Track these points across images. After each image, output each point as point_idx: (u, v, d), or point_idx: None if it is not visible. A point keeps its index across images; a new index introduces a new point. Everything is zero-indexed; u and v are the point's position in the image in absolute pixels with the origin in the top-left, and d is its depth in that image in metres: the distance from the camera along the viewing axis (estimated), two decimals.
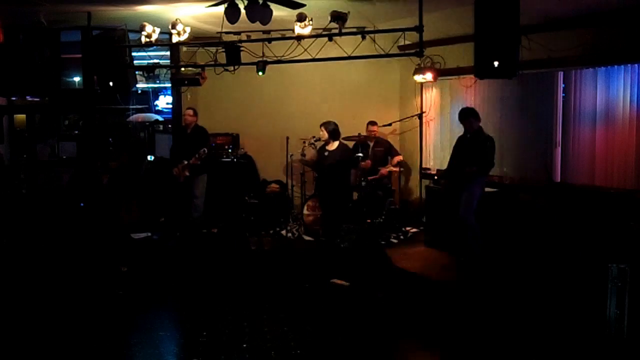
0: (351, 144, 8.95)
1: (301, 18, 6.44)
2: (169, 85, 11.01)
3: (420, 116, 9.13)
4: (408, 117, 9.35)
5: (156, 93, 19.71)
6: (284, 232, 8.87)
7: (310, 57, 6.74)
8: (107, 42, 7.46)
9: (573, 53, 6.73)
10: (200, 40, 7.87)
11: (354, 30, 6.91)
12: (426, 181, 8.84)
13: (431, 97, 9.20)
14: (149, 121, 13.66)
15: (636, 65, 6.34)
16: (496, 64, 5.33)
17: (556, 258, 6.43)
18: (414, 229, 8.77)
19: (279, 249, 8.19)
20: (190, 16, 7.44)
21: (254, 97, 9.91)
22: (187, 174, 8.46)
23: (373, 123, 9.06)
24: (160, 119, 15.01)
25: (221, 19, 6.18)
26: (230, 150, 9.51)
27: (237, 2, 5.95)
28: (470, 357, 4.83)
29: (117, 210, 8.95)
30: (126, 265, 7.25)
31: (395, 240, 8.38)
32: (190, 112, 8.67)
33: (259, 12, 5.98)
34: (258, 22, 6.09)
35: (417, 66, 8.27)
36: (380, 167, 8.89)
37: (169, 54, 9.95)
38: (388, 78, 9.91)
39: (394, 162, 8.97)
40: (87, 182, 8.77)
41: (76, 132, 12.12)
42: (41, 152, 9.77)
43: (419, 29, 6.22)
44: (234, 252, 8.05)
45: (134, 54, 7.84)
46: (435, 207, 7.96)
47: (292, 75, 9.34)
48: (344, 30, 6.44)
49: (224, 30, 6.69)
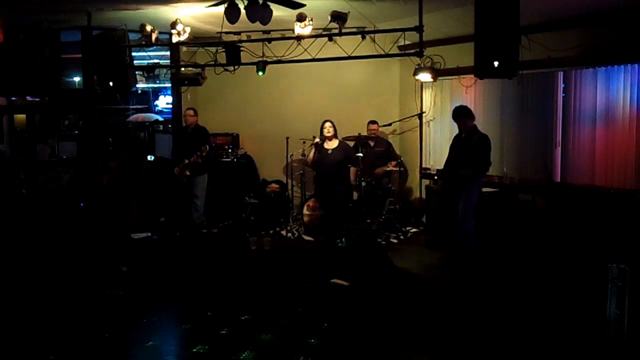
0: (351, 144, 8.96)
1: (301, 18, 6.45)
2: (169, 85, 11.01)
3: (420, 116, 9.13)
4: (408, 117, 9.36)
5: (156, 93, 19.73)
6: (284, 232, 8.87)
7: (310, 57, 6.75)
8: (107, 42, 7.46)
9: (573, 53, 6.73)
10: (200, 40, 7.87)
11: (354, 30, 6.92)
12: (426, 181, 8.84)
13: (431, 97, 9.20)
14: (149, 121, 13.70)
15: (636, 65, 6.35)
16: (496, 64, 5.33)
17: (556, 258, 6.44)
18: (414, 229, 8.78)
19: (279, 249, 8.18)
20: (190, 16, 7.44)
21: (254, 97, 9.91)
22: (188, 173, 8.47)
23: (373, 122, 9.07)
24: (160, 119, 15.04)
25: (221, 19, 6.18)
26: (230, 150, 9.51)
27: (237, 2, 5.95)
28: (470, 357, 4.83)
29: (117, 210, 8.95)
30: (126, 265, 7.25)
31: (395, 240, 8.38)
32: (190, 112, 8.68)
33: (259, 12, 5.98)
34: (258, 22, 6.10)
35: (417, 66, 8.27)
36: (379, 167, 8.89)
37: (169, 54, 9.95)
38: (388, 78, 9.91)
39: (392, 164, 8.95)
40: (87, 182, 8.77)
41: (76, 132, 12.12)
42: (41, 152, 9.76)
43: (419, 29, 6.22)
44: (234, 252, 8.05)
45: (134, 54, 7.84)
46: (435, 207, 7.97)
47: (292, 75, 9.34)
48: (344, 30, 6.45)
49: (224, 30, 6.69)
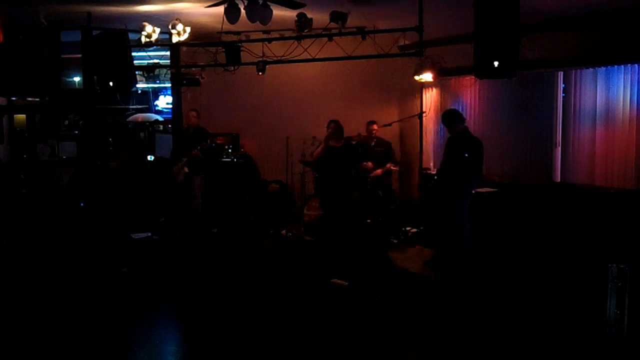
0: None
1: (301, 18, 6.44)
2: (169, 85, 11.01)
3: (420, 116, 9.12)
4: (408, 117, 9.35)
5: (156, 93, 19.71)
6: (284, 232, 8.87)
7: (310, 57, 6.74)
8: (107, 42, 7.46)
9: (573, 53, 6.73)
10: (200, 40, 7.87)
11: (354, 30, 6.91)
12: (426, 181, 8.84)
13: (431, 97, 9.20)
14: (149, 121, 13.67)
15: (636, 65, 6.34)
16: (496, 64, 5.32)
17: (556, 258, 6.43)
18: (414, 229, 8.78)
19: (279, 249, 8.19)
20: (191, 16, 7.43)
21: (254, 97, 9.91)
22: (186, 170, 8.45)
23: (373, 122, 9.06)
24: (160, 119, 15.01)
25: (221, 19, 6.17)
26: (230, 150, 9.51)
27: (237, 2, 5.95)
28: (470, 357, 4.83)
29: (117, 210, 8.95)
30: (126, 265, 7.25)
31: (395, 240, 8.38)
32: (194, 113, 8.69)
33: (259, 12, 5.97)
34: (258, 22, 6.09)
35: (417, 66, 8.27)
36: (379, 167, 8.88)
37: (169, 54, 9.95)
38: (388, 78, 9.90)
39: (387, 166, 8.94)
40: (87, 182, 8.77)
41: (76, 132, 12.12)
42: (41, 152, 9.77)
43: (419, 29, 6.22)
44: (234, 252, 8.05)
45: (134, 54, 7.83)
46: (433, 207, 7.97)
47: (292, 75, 9.34)
48: (344, 30, 6.44)
49: (224, 30, 6.69)
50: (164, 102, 19.64)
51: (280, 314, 5.76)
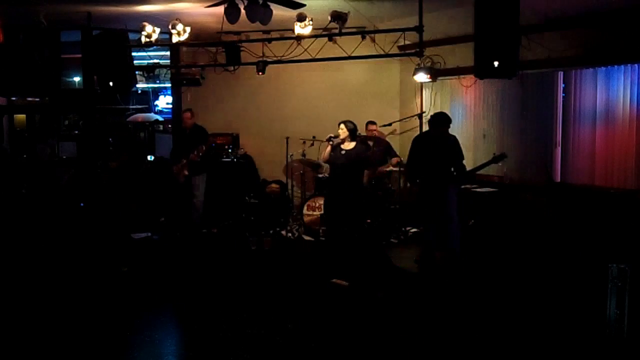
0: None
1: (301, 18, 6.44)
2: (169, 85, 11.01)
3: (420, 116, 9.12)
4: (408, 117, 9.35)
5: (156, 93, 19.76)
6: (284, 232, 8.86)
7: (310, 57, 6.74)
8: (107, 42, 7.46)
9: (573, 53, 6.73)
10: (200, 40, 7.87)
11: (354, 30, 6.92)
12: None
13: (431, 97, 9.20)
14: (149, 121, 13.70)
15: (636, 65, 6.34)
16: (496, 64, 5.33)
17: (556, 258, 6.43)
18: (414, 229, 8.78)
19: (279, 249, 8.19)
20: (191, 16, 7.44)
21: (254, 97, 9.91)
22: (186, 172, 8.46)
23: (372, 123, 9.06)
24: (160, 119, 15.04)
25: (221, 19, 6.18)
26: (230, 150, 9.51)
27: (237, 2, 5.95)
28: (470, 357, 4.83)
29: (117, 210, 8.95)
30: (126, 265, 7.25)
31: (395, 240, 8.38)
32: (188, 114, 8.65)
33: (259, 12, 5.98)
34: (258, 22, 6.09)
35: (417, 66, 8.26)
36: (379, 166, 8.88)
37: (169, 54, 9.95)
38: (388, 78, 9.91)
39: (394, 162, 8.96)
40: (87, 182, 8.78)
41: (76, 132, 12.15)
42: (41, 152, 9.78)
43: (419, 29, 6.22)
44: (234, 252, 8.05)
45: (134, 54, 7.84)
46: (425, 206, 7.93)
47: (292, 75, 9.34)
48: (344, 30, 6.44)
49: (224, 30, 6.69)
50: (164, 102, 19.68)
51: (281, 314, 5.76)
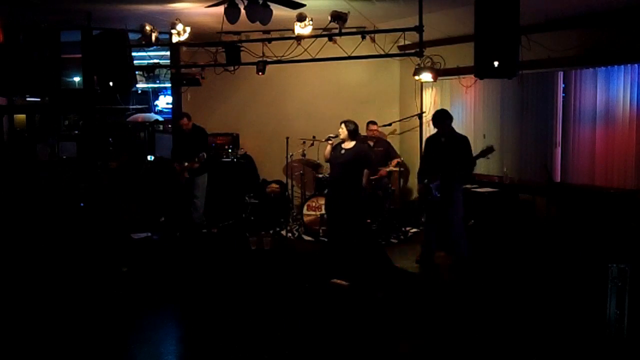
0: None
1: (301, 18, 6.44)
2: (169, 85, 11.01)
3: (420, 116, 9.11)
4: (408, 117, 9.35)
5: (156, 93, 19.73)
6: (284, 232, 8.86)
7: (310, 57, 6.74)
8: (107, 42, 7.46)
9: (573, 53, 6.72)
10: (200, 40, 7.87)
11: (354, 30, 6.92)
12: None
13: (431, 97, 9.20)
14: (149, 121, 13.67)
15: (636, 65, 6.34)
16: (496, 64, 5.33)
17: (556, 258, 6.43)
18: (414, 229, 8.78)
19: (279, 249, 8.19)
20: (191, 16, 7.44)
21: (254, 97, 9.91)
22: (186, 175, 8.47)
23: (373, 123, 9.06)
24: (160, 119, 15.02)
25: (221, 19, 6.18)
26: (230, 150, 9.51)
27: (237, 2, 5.95)
28: (470, 357, 4.83)
29: (117, 210, 8.95)
30: (126, 265, 7.25)
31: (395, 240, 8.38)
32: (184, 120, 8.58)
33: (259, 12, 5.98)
34: (258, 22, 6.10)
35: (417, 66, 8.26)
36: (379, 167, 8.87)
37: (169, 54, 9.95)
38: (388, 78, 9.91)
39: (394, 163, 8.95)
40: (87, 182, 8.77)
41: (76, 132, 12.13)
42: (41, 152, 9.77)
43: (419, 29, 6.22)
44: (234, 252, 8.05)
45: (134, 54, 7.84)
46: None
47: (292, 75, 9.34)
48: (344, 30, 6.45)
49: (224, 30, 6.69)
50: (164, 102, 19.66)
51: (280, 313, 5.76)
